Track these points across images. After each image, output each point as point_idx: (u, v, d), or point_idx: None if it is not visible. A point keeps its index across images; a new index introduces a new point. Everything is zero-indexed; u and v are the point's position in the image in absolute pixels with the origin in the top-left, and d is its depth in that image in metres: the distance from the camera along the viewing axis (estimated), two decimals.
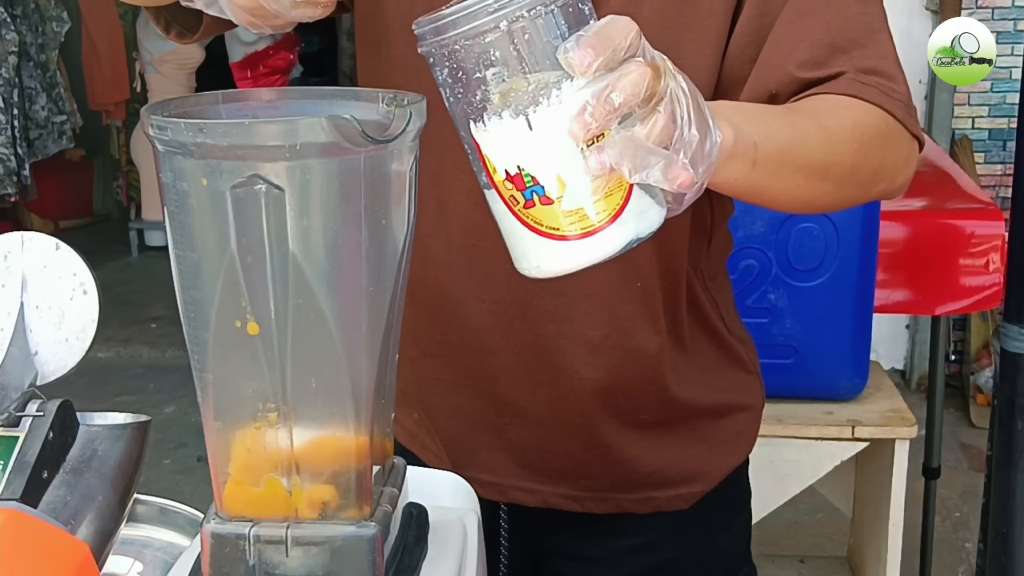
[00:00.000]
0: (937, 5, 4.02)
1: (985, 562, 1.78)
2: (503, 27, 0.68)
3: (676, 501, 1.15)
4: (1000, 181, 4.09)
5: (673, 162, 0.70)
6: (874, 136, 0.94)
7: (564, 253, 0.73)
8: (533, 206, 0.72)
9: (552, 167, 0.70)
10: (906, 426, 2.16)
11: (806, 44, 0.96)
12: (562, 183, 0.70)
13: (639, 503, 1.14)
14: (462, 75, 0.70)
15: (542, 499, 1.15)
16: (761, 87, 0.97)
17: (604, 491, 1.14)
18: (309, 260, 0.67)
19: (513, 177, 0.71)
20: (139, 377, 4.57)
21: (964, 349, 4.11)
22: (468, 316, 1.09)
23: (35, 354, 0.84)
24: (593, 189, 0.70)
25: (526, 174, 0.71)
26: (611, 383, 1.09)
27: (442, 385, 1.15)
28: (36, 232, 0.87)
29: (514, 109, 0.70)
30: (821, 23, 0.97)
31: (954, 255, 2.26)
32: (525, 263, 0.76)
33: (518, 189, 0.71)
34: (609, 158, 0.69)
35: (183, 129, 0.65)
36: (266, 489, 0.73)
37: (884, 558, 2.26)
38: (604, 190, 0.71)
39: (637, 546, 1.16)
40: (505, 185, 0.72)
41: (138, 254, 6.24)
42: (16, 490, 0.74)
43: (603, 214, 0.71)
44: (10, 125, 5.53)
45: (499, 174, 0.72)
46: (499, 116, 0.70)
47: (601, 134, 0.69)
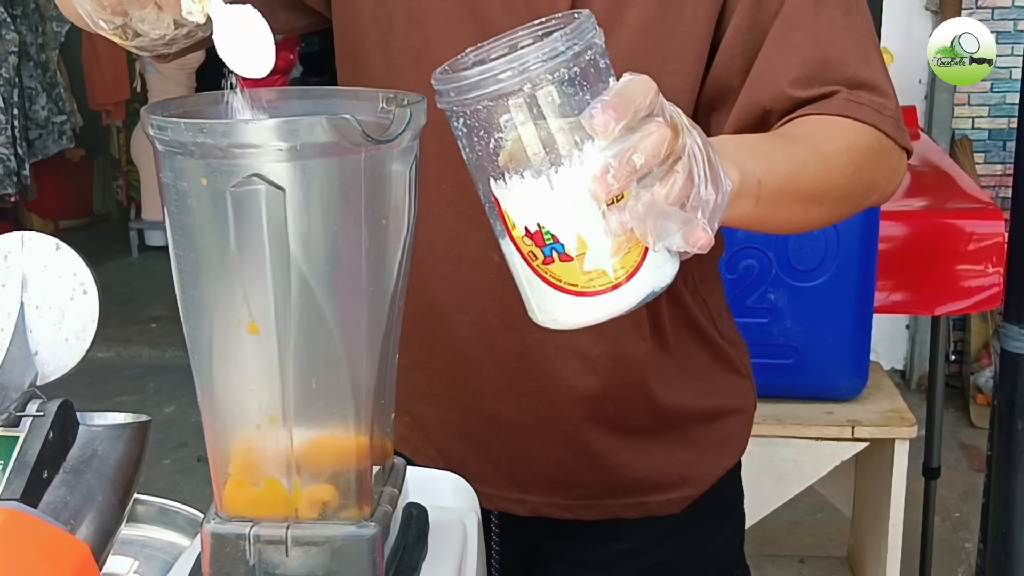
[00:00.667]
0: (937, 5, 4.02)
1: (985, 562, 1.78)
2: (527, 90, 0.69)
3: (668, 505, 1.15)
4: (1000, 181, 4.09)
5: (693, 225, 0.70)
6: (867, 155, 0.96)
7: (582, 308, 0.73)
8: (552, 262, 0.72)
9: (573, 226, 0.71)
10: (906, 426, 2.16)
11: (798, 60, 0.97)
12: (582, 242, 0.71)
13: (630, 508, 1.14)
14: (483, 133, 0.71)
15: (532, 508, 1.15)
16: (754, 103, 0.98)
17: (595, 498, 1.14)
18: (309, 260, 0.67)
19: (533, 234, 0.72)
20: (139, 377, 4.57)
21: (964, 349, 4.11)
22: (452, 327, 1.09)
23: (35, 354, 0.84)
24: (613, 249, 0.71)
25: (546, 232, 0.71)
26: (599, 390, 1.09)
27: (429, 397, 1.15)
28: (36, 232, 0.87)
29: (535, 169, 0.70)
30: (811, 37, 0.98)
31: (954, 255, 2.26)
32: (541, 315, 0.76)
33: (538, 246, 0.72)
34: (631, 221, 0.69)
35: (183, 129, 0.65)
36: (266, 489, 0.73)
37: (884, 558, 2.26)
38: (624, 249, 0.72)
39: (629, 550, 1.16)
40: (524, 241, 0.73)
41: (138, 254, 6.24)
42: (16, 490, 0.74)
43: (621, 271, 0.72)
44: (10, 125, 5.53)
45: (518, 230, 0.73)
46: (520, 175, 0.71)
47: (621, 194, 0.70)
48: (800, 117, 0.96)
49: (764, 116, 0.98)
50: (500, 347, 1.08)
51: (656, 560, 1.17)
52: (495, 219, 0.75)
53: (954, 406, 4.00)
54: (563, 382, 1.08)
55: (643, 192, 0.69)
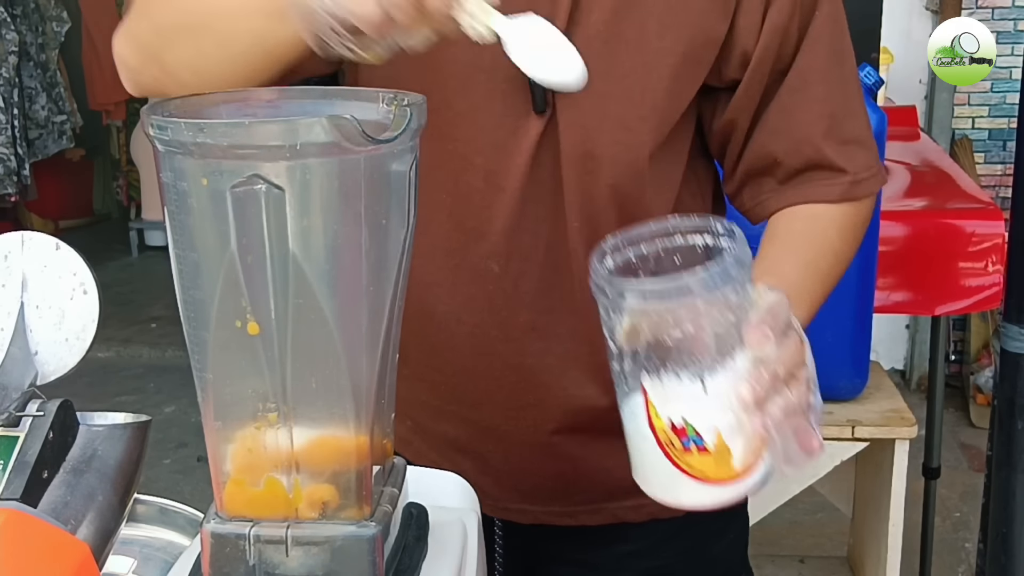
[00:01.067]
0: (937, 5, 4.02)
1: (985, 562, 1.78)
2: (700, 305, 0.74)
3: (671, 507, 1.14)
4: (1000, 181, 4.09)
5: (810, 435, 0.77)
6: (863, 226, 1.09)
7: (703, 493, 0.79)
8: (689, 453, 0.77)
9: (715, 424, 0.76)
10: (906, 426, 2.16)
11: (815, 116, 1.04)
12: (721, 440, 0.76)
13: (633, 511, 1.14)
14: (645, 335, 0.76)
15: (534, 517, 1.15)
16: (768, 152, 1.05)
17: (597, 503, 1.14)
18: (309, 260, 0.67)
19: (678, 429, 0.77)
20: (139, 377, 4.57)
21: (964, 349, 4.11)
22: (451, 338, 1.08)
23: (35, 354, 0.84)
24: (744, 446, 0.77)
25: (690, 427, 0.76)
26: (599, 399, 1.08)
27: (428, 408, 1.14)
28: (36, 232, 0.86)
29: (692, 372, 0.75)
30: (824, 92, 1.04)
31: (954, 255, 2.26)
32: (661, 491, 0.82)
33: (679, 438, 0.77)
34: (771, 424, 0.75)
35: (183, 129, 0.65)
36: (266, 489, 0.73)
37: (884, 558, 2.26)
38: (753, 447, 0.77)
39: (634, 552, 1.16)
40: (666, 431, 0.77)
41: (138, 254, 6.24)
42: (16, 490, 0.74)
43: (744, 464, 0.78)
44: (10, 125, 5.53)
45: (662, 421, 0.77)
46: (676, 375, 0.76)
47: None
48: (812, 213, 1.06)
49: (773, 165, 1.05)
50: (498, 359, 1.08)
51: (660, 563, 1.16)
52: (628, 394, 0.80)
53: (954, 406, 4.00)
54: (562, 392, 1.08)
55: (778, 398, 0.75)
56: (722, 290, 0.74)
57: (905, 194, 2.45)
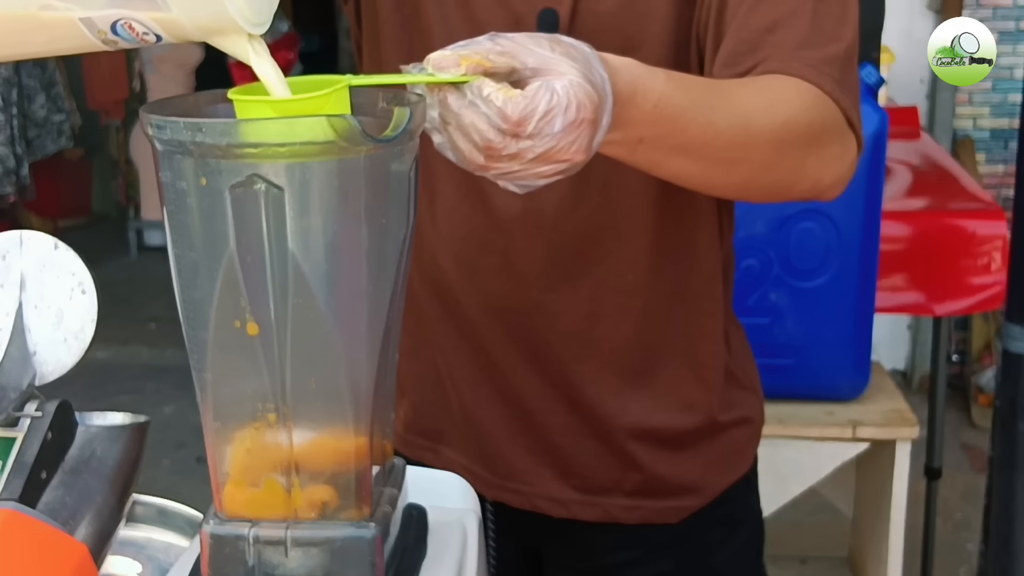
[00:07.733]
0: (938, 4, 4.02)
1: (987, 563, 1.78)
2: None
3: (666, 514, 1.14)
4: (1002, 181, 4.08)
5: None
6: (802, 135, 0.92)
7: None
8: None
9: None
10: (907, 427, 2.16)
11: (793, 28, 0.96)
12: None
13: (626, 511, 1.13)
14: None
15: (527, 500, 1.14)
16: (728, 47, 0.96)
17: (592, 494, 1.13)
18: (309, 260, 0.67)
19: None
20: (138, 377, 4.57)
21: (966, 349, 4.11)
22: (459, 307, 1.11)
23: (34, 354, 0.84)
24: None
25: None
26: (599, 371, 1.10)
27: (431, 378, 1.16)
28: (35, 231, 0.86)
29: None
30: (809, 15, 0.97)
31: (956, 255, 2.25)
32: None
33: None
34: None
35: (182, 128, 0.65)
36: (265, 489, 0.73)
37: (885, 559, 2.26)
38: None
39: (631, 560, 1.15)
40: None
41: (137, 254, 6.24)
42: (14, 490, 0.74)
43: None
44: (9, 124, 5.52)
45: None
46: None
47: None
48: (765, 73, 0.94)
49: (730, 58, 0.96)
50: (505, 328, 1.10)
51: (658, 571, 1.16)
52: None
53: (956, 407, 3.99)
54: (564, 368, 1.10)
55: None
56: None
57: (907, 194, 2.44)
